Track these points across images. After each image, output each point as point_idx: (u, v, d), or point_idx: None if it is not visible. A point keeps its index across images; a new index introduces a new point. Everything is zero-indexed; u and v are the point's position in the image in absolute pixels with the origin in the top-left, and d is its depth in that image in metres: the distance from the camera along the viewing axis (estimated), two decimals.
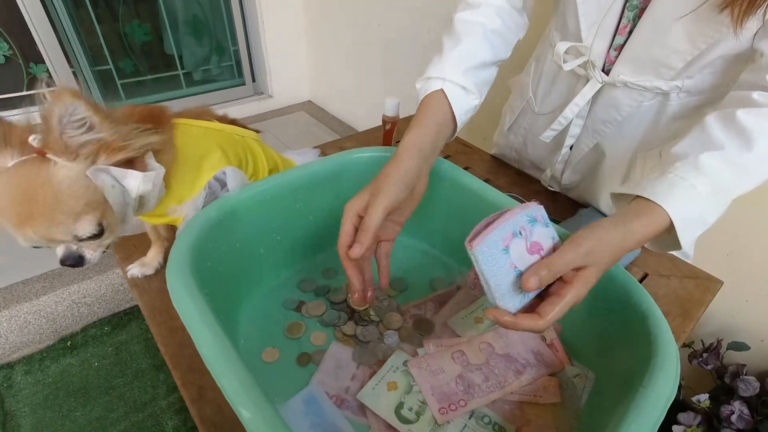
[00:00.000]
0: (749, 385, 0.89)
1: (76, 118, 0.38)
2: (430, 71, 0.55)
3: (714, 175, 0.42)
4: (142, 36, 1.99)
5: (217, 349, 0.33)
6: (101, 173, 0.42)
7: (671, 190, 0.42)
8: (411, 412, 0.44)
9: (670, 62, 0.53)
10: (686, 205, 0.41)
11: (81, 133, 0.39)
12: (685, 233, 0.42)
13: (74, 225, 0.41)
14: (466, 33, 0.56)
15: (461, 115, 0.54)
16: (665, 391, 0.33)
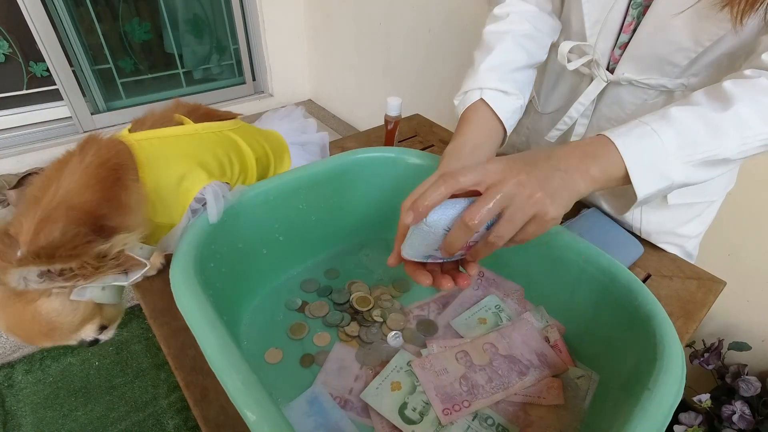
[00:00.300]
0: (750, 385, 0.90)
1: (33, 278, 0.36)
2: (466, 85, 0.54)
3: (681, 126, 0.40)
4: (143, 35, 1.99)
5: (222, 351, 0.33)
6: (86, 290, 0.40)
7: (629, 131, 0.40)
8: (415, 412, 0.44)
9: (674, 60, 0.53)
10: (642, 148, 0.39)
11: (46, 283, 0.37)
12: (640, 179, 0.40)
13: (77, 336, 0.43)
14: (497, 41, 0.56)
15: (507, 118, 0.53)
16: (671, 393, 0.33)
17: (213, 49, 2.20)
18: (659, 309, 0.40)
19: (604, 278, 0.45)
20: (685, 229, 0.67)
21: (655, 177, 0.40)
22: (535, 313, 0.54)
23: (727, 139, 0.40)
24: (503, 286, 0.57)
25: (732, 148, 0.41)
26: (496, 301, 0.56)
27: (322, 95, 2.42)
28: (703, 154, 0.40)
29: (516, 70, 0.55)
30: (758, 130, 0.40)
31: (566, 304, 0.51)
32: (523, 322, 0.53)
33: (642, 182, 0.40)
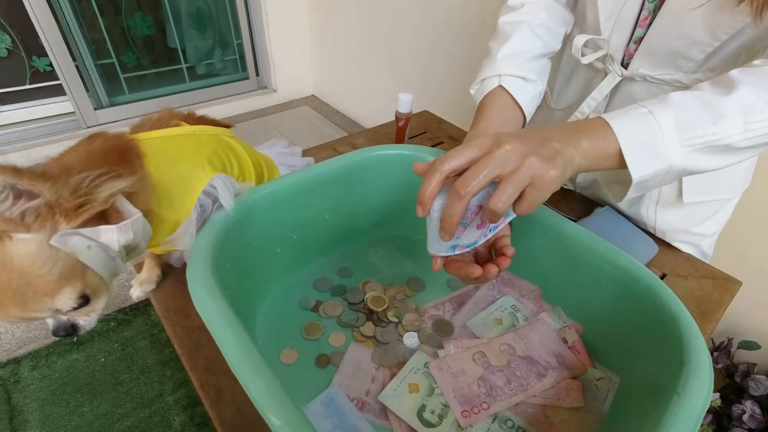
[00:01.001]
0: (760, 384, 0.89)
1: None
2: (483, 73, 0.54)
3: (680, 109, 0.39)
4: (146, 29, 1.97)
5: (245, 355, 0.33)
6: (70, 238, 0.36)
7: (625, 113, 0.40)
8: (433, 415, 0.44)
9: (690, 54, 0.52)
10: (637, 127, 0.39)
11: (9, 206, 0.32)
12: (634, 159, 0.38)
13: (52, 302, 0.36)
14: (513, 30, 0.55)
15: (527, 104, 0.52)
16: (700, 398, 0.33)
17: (216, 44, 2.19)
18: (683, 311, 0.40)
19: (624, 278, 0.44)
20: (701, 228, 0.66)
21: (650, 157, 0.39)
22: (552, 314, 0.53)
23: (728, 124, 0.39)
24: (519, 286, 0.56)
25: (735, 133, 0.39)
26: (512, 301, 0.55)
27: (326, 91, 2.41)
28: (704, 138, 0.39)
29: (533, 59, 0.55)
30: (763, 115, 0.39)
31: (585, 304, 0.50)
32: (540, 322, 0.52)
33: (636, 162, 0.39)
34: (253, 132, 2.13)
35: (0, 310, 0.34)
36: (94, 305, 0.40)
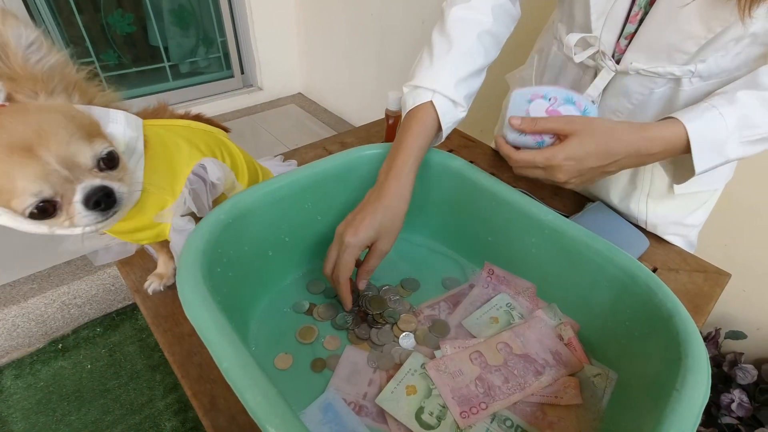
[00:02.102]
0: (747, 373, 0.91)
1: (30, 39, 0.34)
2: (419, 78, 0.54)
3: (745, 108, 0.46)
4: (126, 27, 1.92)
5: (240, 364, 0.32)
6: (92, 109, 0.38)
7: (696, 111, 0.47)
8: (432, 417, 0.43)
9: (684, 47, 0.52)
10: (707, 124, 0.46)
11: (42, 58, 0.35)
12: (700, 152, 0.47)
13: (91, 143, 0.35)
14: (459, 35, 0.55)
15: (447, 129, 0.55)
16: (699, 393, 0.33)
17: (199, 41, 2.14)
18: (680, 307, 0.40)
19: (622, 276, 0.44)
20: (691, 218, 0.67)
21: (714, 155, 0.47)
22: (548, 311, 0.53)
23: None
24: (514, 284, 0.56)
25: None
26: (507, 299, 0.55)
27: (313, 89, 2.38)
28: (762, 134, 0.47)
29: (471, 76, 0.56)
30: None
31: (581, 301, 0.50)
32: (536, 320, 0.52)
33: (701, 159, 0.47)
34: (240, 131, 2.10)
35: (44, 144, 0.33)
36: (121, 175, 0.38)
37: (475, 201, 0.56)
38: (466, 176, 0.56)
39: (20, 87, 0.34)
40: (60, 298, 1.29)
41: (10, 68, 0.34)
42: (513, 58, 0.81)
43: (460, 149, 0.88)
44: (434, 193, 0.60)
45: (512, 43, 0.61)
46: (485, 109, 1.29)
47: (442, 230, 0.62)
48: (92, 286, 1.34)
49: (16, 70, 0.34)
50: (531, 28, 0.78)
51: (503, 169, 0.83)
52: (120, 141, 0.38)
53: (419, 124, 0.53)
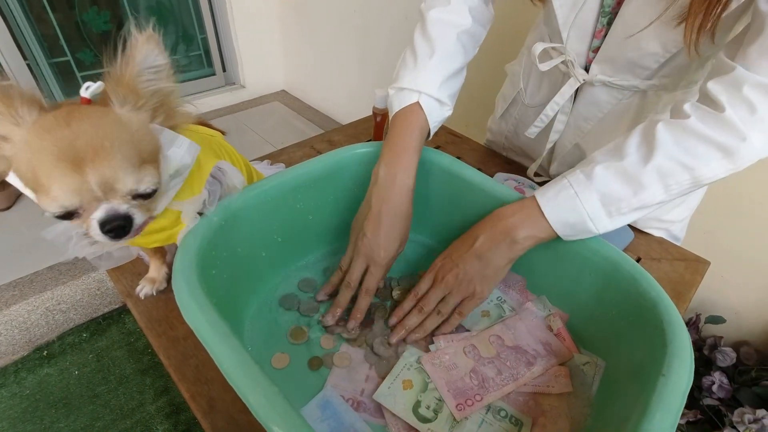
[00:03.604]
0: (726, 355, 0.95)
1: (156, 63, 0.37)
2: (404, 80, 0.56)
3: (604, 185, 0.45)
4: (102, 24, 1.87)
5: (240, 365, 0.32)
6: (159, 131, 0.39)
7: (557, 196, 0.47)
8: (429, 410, 0.44)
9: (644, 63, 0.55)
10: (567, 213, 0.46)
11: (155, 81, 0.38)
12: (566, 233, 0.47)
13: (139, 172, 0.36)
14: (440, 36, 0.56)
15: (435, 128, 0.57)
16: (683, 377, 0.35)
17: (179, 39, 2.10)
18: (663, 295, 0.42)
19: (608, 267, 0.46)
20: (670, 215, 0.69)
21: (580, 233, 0.47)
22: (537, 303, 0.54)
23: (648, 191, 0.45)
24: (505, 278, 0.57)
25: (656, 197, 0.45)
26: (497, 293, 0.57)
27: (297, 86, 2.36)
28: (629, 207, 0.45)
29: (453, 75, 0.57)
30: (679, 177, 0.44)
31: (569, 293, 0.52)
32: (526, 312, 0.53)
33: (569, 236, 0.48)
34: (224, 130, 2.07)
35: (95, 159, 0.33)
36: (151, 204, 0.39)
37: (463, 197, 0.57)
38: (455, 173, 0.57)
39: (119, 92, 0.36)
40: (43, 304, 1.26)
41: (121, 75, 0.36)
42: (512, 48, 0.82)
43: (447, 145, 0.89)
44: (424, 190, 0.61)
45: (514, 36, 0.62)
46: (469, 104, 1.30)
47: (434, 227, 0.63)
48: (77, 291, 1.31)
49: (126, 80, 0.36)
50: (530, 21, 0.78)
51: (490, 164, 0.84)
52: (173, 164, 0.40)
53: (411, 126, 0.54)
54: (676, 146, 0.43)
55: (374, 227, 0.51)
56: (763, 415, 0.79)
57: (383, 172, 0.53)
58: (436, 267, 0.53)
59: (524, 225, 0.48)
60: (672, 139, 0.44)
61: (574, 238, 0.48)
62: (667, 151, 0.43)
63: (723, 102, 0.42)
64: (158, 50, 0.37)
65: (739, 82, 0.42)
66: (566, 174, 0.48)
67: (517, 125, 0.79)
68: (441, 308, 0.51)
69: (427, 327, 0.51)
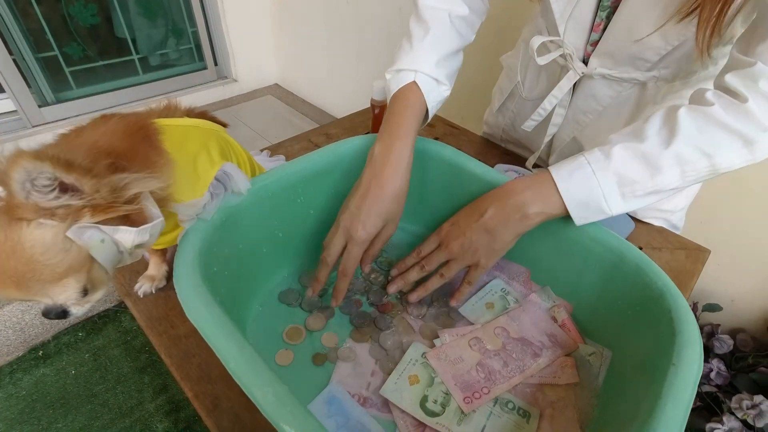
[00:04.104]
0: (723, 343, 0.96)
1: (42, 181, 0.31)
2: (401, 62, 0.55)
3: (622, 166, 0.44)
4: (89, 18, 1.83)
5: (248, 363, 0.31)
6: (86, 231, 0.34)
7: (571, 174, 0.46)
8: (436, 404, 0.44)
9: (645, 56, 0.54)
10: (581, 190, 0.45)
11: (52, 198, 0.32)
12: (577, 213, 0.46)
13: (52, 291, 0.34)
14: (434, 19, 0.56)
15: (433, 108, 0.55)
16: (694, 366, 0.34)
17: (169, 32, 2.06)
18: (670, 284, 0.42)
19: (613, 257, 0.46)
20: (669, 204, 0.69)
21: (593, 213, 0.46)
22: (542, 294, 0.54)
23: (666, 176, 0.44)
24: (508, 269, 0.57)
25: (671, 182, 0.44)
26: (501, 284, 0.56)
27: (290, 79, 2.33)
28: (644, 190, 0.44)
29: (449, 56, 0.56)
30: (697, 164, 0.44)
31: (574, 283, 0.51)
32: (530, 303, 0.53)
33: (580, 216, 0.46)
34: None
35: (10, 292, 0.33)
36: (91, 296, 0.38)
37: (465, 188, 0.57)
38: (457, 164, 0.57)
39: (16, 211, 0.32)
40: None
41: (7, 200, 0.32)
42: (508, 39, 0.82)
43: (446, 137, 0.89)
44: (425, 182, 0.60)
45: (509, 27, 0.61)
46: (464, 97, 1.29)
47: (434, 217, 0.63)
48: None
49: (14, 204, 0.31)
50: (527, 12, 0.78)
51: (489, 156, 0.84)
52: (127, 244, 0.37)
53: (408, 106, 0.53)
54: (697, 132, 0.43)
55: (358, 201, 0.49)
56: (761, 401, 0.80)
57: (377, 150, 0.51)
58: (442, 231, 0.52)
59: (536, 200, 0.47)
60: (694, 124, 0.43)
61: (583, 220, 0.46)
62: (689, 136, 0.43)
63: (745, 93, 0.42)
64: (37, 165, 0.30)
65: (755, 76, 0.42)
66: (583, 152, 0.47)
67: (515, 119, 0.78)
68: (444, 272, 0.51)
69: (428, 286, 0.51)
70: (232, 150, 0.51)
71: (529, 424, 0.43)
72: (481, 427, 0.42)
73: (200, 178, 0.43)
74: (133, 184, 0.35)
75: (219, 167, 0.45)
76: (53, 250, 0.33)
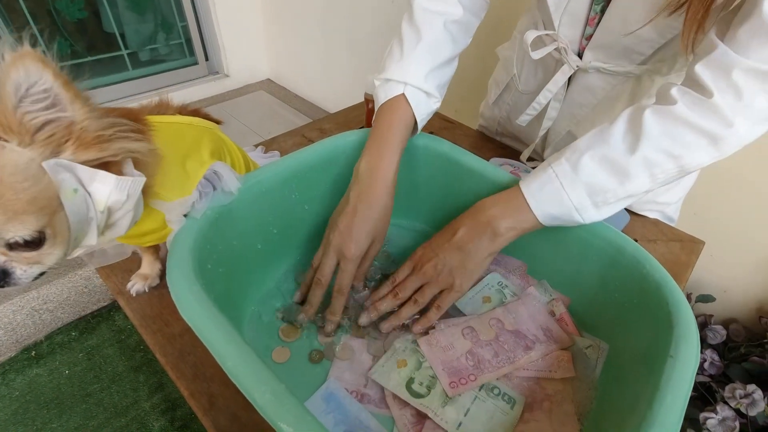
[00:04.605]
0: (717, 333, 0.97)
1: (38, 89, 0.29)
2: (390, 71, 0.53)
3: (590, 176, 0.44)
4: (76, 12, 1.80)
5: (245, 363, 0.31)
6: (63, 170, 0.32)
7: (542, 188, 0.46)
8: (422, 386, 0.44)
9: (639, 49, 0.54)
10: (552, 206, 0.45)
11: (41, 109, 0.30)
12: (549, 221, 0.46)
13: (8, 225, 0.31)
14: (427, 25, 0.54)
15: (422, 121, 0.54)
16: (692, 358, 0.35)
17: (158, 27, 2.03)
18: (667, 277, 0.42)
19: (610, 250, 0.46)
20: (665, 197, 0.69)
21: (567, 223, 0.46)
22: (539, 288, 0.54)
23: (634, 182, 0.44)
24: (505, 263, 0.57)
25: (641, 186, 0.44)
26: (498, 278, 0.56)
27: (283, 74, 2.31)
28: (615, 196, 0.45)
29: (441, 65, 0.55)
30: (665, 166, 0.44)
31: (571, 277, 0.51)
32: (529, 296, 0.53)
33: (553, 225, 0.47)
34: None
35: None
36: (42, 257, 0.34)
37: (462, 182, 0.56)
38: (454, 159, 0.56)
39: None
40: (29, 303, 1.23)
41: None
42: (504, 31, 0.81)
43: (441, 131, 0.88)
44: (422, 177, 0.60)
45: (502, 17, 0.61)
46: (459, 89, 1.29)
47: (430, 213, 0.62)
48: (63, 289, 1.28)
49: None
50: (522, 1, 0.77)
51: (484, 149, 0.83)
52: (100, 201, 0.35)
53: (395, 120, 0.52)
54: (663, 135, 0.43)
55: (348, 221, 0.49)
56: (753, 390, 0.81)
57: (363, 167, 0.50)
58: (416, 256, 0.51)
59: (506, 216, 0.47)
60: (659, 127, 0.43)
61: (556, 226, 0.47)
62: (654, 140, 0.43)
63: (711, 87, 0.41)
64: (40, 71, 0.29)
65: (728, 67, 0.41)
66: (551, 163, 0.46)
67: (511, 112, 0.78)
68: (418, 297, 0.49)
69: (402, 315, 0.49)
70: (226, 148, 0.50)
71: (513, 410, 0.43)
72: (465, 410, 0.43)
73: (189, 177, 0.42)
74: (120, 141, 0.34)
75: (209, 166, 0.44)
76: (24, 174, 0.30)
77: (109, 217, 0.37)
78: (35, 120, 0.30)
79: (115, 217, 0.37)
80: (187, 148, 0.45)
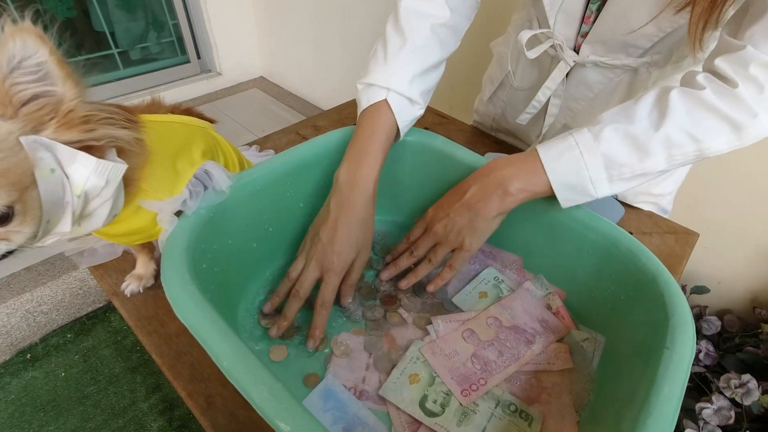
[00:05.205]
0: (711, 324, 0.98)
1: (32, 62, 0.29)
2: (373, 75, 0.51)
3: (610, 148, 0.44)
4: (65, 11, 1.78)
5: (241, 362, 0.31)
6: (41, 149, 0.31)
7: (560, 155, 0.45)
8: (436, 404, 0.43)
9: (637, 43, 0.54)
10: (568, 172, 0.45)
11: (31, 81, 0.30)
12: (563, 194, 0.46)
13: None
14: (413, 29, 0.52)
15: (404, 128, 0.53)
16: (687, 349, 0.35)
17: (149, 25, 2.01)
18: (662, 269, 0.42)
19: (606, 243, 0.46)
20: (659, 188, 0.69)
21: (578, 195, 0.46)
22: (535, 282, 0.54)
23: (653, 160, 0.44)
24: (501, 258, 0.57)
25: (659, 165, 0.44)
26: (494, 273, 0.56)
27: (276, 71, 2.30)
28: (631, 173, 0.44)
29: (427, 71, 0.53)
30: (686, 149, 0.44)
31: (567, 271, 0.51)
32: (523, 291, 0.53)
33: (565, 197, 0.46)
34: None
35: None
36: (9, 234, 0.32)
37: (457, 178, 0.56)
38: (447, 153, 0.56)
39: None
40: (23, 306, 1.22)
41: None
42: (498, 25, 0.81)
43: (435, 126, 0.88)
44: (416, 173, 0.60)
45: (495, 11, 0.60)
46: (453, 85, 1.28)
47: (426, 209, 0.62)
48: (57, 291, 1.27)
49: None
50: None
51: (479, 145, 0.83)
52: (77, 184, 0.34)
53: (378, 127, 0.51)
54: (687, 117, 0.43)
55: (330, 232, 0.47)
56: (748, 380, 0.82)
57: (343, 176, 0.49)
58: (427, 215, 0.52)
59: (519, 177, 0.46)
60: (685, 108, 0.43)
61: (569, 203, 0.46)
62: (679, 120, 0.43)
63: (735, 78, 0.42)
64: (36, 45, 0.29)
65: (745, 61, 0.41)
66: (572, 132, 0.46)
67: (506, 108, 0.78)
68: (431, 257, 0.51)
69: (419, 272, 0.51)
70: (220, 147, 0.50)
71: (531, 428, 0.42)
72: (481, 428, 0.42)
73: (179, 176, 0.42)
74: (106, 126, 0.34)
75: (199, 166, 0.43)
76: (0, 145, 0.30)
77: (86, 205, 0.36)
78: (23, 93, 0.30)
79: (93, 205, 0.36)
80: (178, 147, 0.45)
